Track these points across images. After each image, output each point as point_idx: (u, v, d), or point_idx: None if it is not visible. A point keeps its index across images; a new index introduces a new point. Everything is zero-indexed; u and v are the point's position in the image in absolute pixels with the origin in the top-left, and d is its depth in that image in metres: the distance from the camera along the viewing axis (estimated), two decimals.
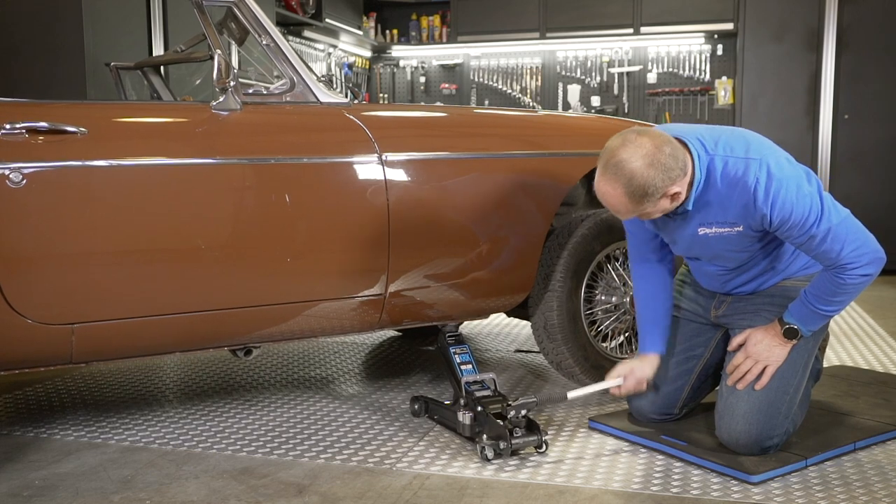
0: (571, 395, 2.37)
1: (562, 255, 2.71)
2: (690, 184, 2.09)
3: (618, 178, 2.01)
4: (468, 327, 3.99)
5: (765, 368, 2.19)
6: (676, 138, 2.08)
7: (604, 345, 2.81)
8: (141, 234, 2.10)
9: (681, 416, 2.43)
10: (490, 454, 2.22)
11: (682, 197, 2.09)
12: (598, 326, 2.80)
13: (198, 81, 3.78)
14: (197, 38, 2.88)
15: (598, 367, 2.73)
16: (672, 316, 2.42)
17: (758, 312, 2.30)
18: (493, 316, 3.28)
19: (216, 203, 2.18)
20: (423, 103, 7.39)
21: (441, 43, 7.36)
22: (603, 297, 2.80)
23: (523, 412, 2.26)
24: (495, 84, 7.33)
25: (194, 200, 2.16)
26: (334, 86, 4.73)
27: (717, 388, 2.40)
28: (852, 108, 5.62)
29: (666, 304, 2.40)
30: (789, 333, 2.17)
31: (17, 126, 1.96)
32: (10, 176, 1.93)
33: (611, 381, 2.38)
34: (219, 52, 2.22)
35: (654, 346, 2.39)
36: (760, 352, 2.20)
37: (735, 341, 2.28)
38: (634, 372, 2.36)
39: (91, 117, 2.10)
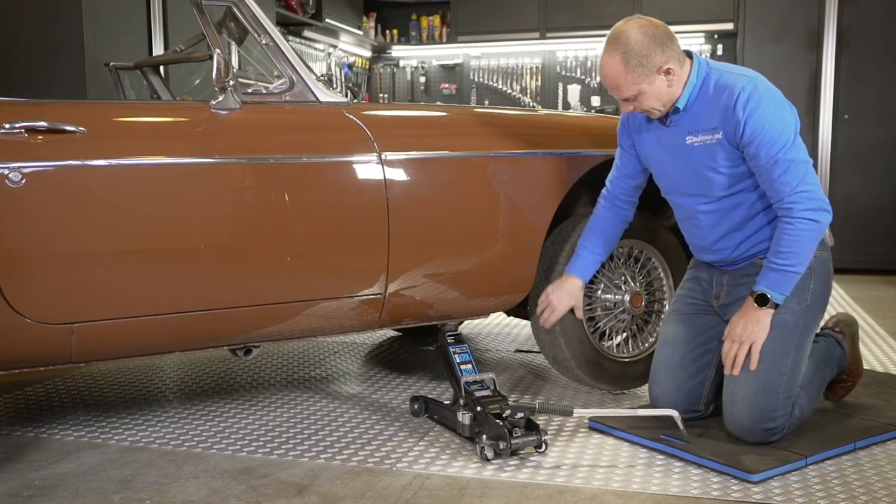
0: (578, 412, 2.32)
1: (561, 255, 2.71)
2: (685, 84, 2.26)
3: (616, 48, 2.22)
4: (468, 327, 3.98)
5: (751, 347, 2.23)
6: (684, 51, 2.30)
7: (603, 343, 2.81)
8: (140, 233, 2.10)
9: (709, 413, 2.43)
10: (490, 454, 2.22)
11: (676, 80, 2.25)
12: (597, 324, 2.80)
13: (197, 81, 3.78)
14: (196, 38, 2.88)
15: (594, 362, 2.73)
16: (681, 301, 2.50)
17: None
18: (493, 316, 3.27)
19: (215, 202, 2.18)
20: (423, 103, 7.39)
21: (441, 43, 7.37)
22: (602, 296, 2.79)
23: (520, 414, 2.26)
24: (495, 84, 7.33)
25: (194, 200, 2.16)
26: (334, 85, 4.73)
27: None
28: (852, 108, 5.62)
29: (609, 243, 2.58)
30: (760, 300, 2.21)
31: (17, 125, 1.95)
32: (10, 175, 1.93)
33: (624, 410, 2.42)
34: (218, 51, 2.22)
35: (578, 270, 2.56)
36: (740, 332, 2.24)
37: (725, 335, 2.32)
38: (549, 295, 2.55)
39: (90, 117, 2.10)
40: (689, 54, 2.30)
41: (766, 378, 2.21)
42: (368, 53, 7.50)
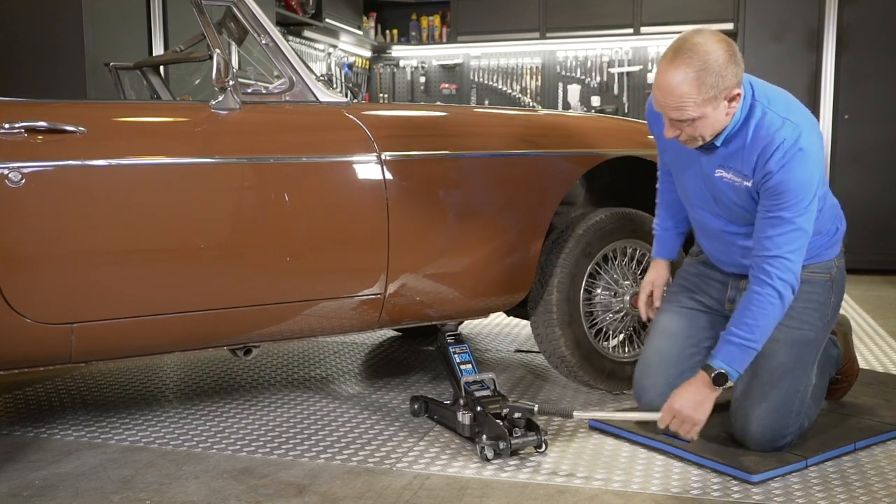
0: (578, 414, 2.28)
1: (561, 254, 2.71)
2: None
3: (691, 62, 1.94)
4: (468, 327, 3.98)
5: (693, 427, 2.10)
6: None
7: (602, 343, 2.81)
8: (140, 233, 2.10)
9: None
10: (490, 454, 2.22)
11: (736, 109, 2.04)
12: (597, 324, 2.80)
13: (197, 81, 3.78)
14: (196, 38, 2.87)
15: (594, 362, 2.73)
16: (688, 301, 2.43)
17: None
18: (493, 316, 3.27)
19: (215, 202, 2.18)
20: (423, 103, 7.39)
21: (441, 43, 7.37)
22: (603, 295, 2.79)
23: (518, 414, 2.25)
24: (495, 84, 7.33)
25: (193, 200, 2.16)
26: (334, 85, 4.73)
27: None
28: (852, 108, 5.62)
29: (681, 223, 2.50)
30: (719, 379, 2.06)
31: (17, 125, 1.95)
32: (10, 175, 1.93)
33: (631, 415, 2.37)
34: (218, 51, 2.22)
35: (666, 252, 2.53)
36: (683, 409, 2.09)
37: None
38: (655, 283, 2.50)
39: (90, 117, 2.10)
40: None
41: (784, 397, 2.17)
42: (368, 53, 7.50)
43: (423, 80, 7.50)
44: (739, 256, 2.27)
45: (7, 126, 1.95)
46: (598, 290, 2.80)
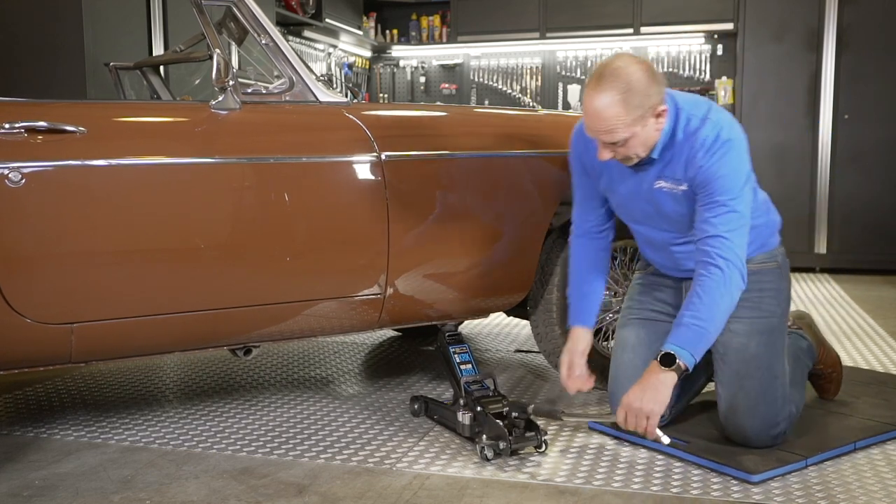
0: (567, 419, 2.32)
1: (561, 254, 2.71)
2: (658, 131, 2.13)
3: (615, 86, 2.01)
4: (468, 327, 3.98)
5: (649, 419, 2.05)
6: None
7: (602, 343, 2.81)
8: (140, 233, 2.10)
9: (670, 420, 2.36)
10: (490, 454, 2.22)
11: (663, 125, 2.11)
12: (597, 324, 2.79)
13: (197, 81, 3.78)
14: (196, 38, 2.88)
15: (589, 358, 2.73)
16: (645, 313, 2.40)
17: (739, 304, 2.21)
18: (493, 316, 3.27)
19: (215, 202, 2.18)
20: (423, 103, 7.39)
21: (441, 43, 7.36)
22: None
23: (515, 414, 2.25)
24: (495, 84, 7.32)
25: (193, 200, 2.16)
26: (334, 85, 4.73)
27: (706, 384, 2.46)
28: (852, 108, 5.62)
29: (600, 283, 2.41)
30: (665, 360, 2.04)
31: (17, 125, 1.96)
32: (10, 175, 1.93)
33: (599, 416, 2.42)
34: (218, 51, 2.22)
35: (583, 318, 2.37)
36: (634, 401, 2.06)
37: None
38: (572, 360, 2.32)
39: (90, 117, 2.10)
40: None
41: (766, 386, 2.19)
42: (368, 53, 7.50)
43: (423, 80, 7.50)
44: (689, 262, 2.27)
45: (7, 126, 1.95)
46: None
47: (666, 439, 2.08)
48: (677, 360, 2.04)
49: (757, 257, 2.27)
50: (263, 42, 2.37)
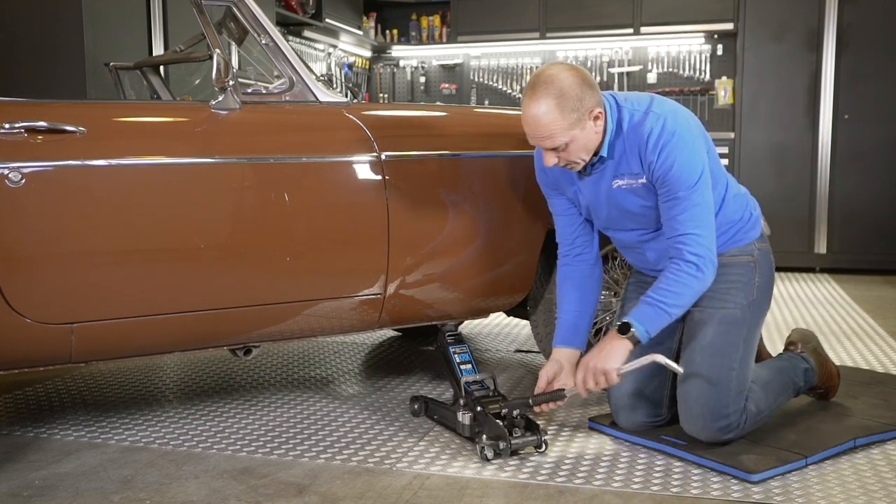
0: (569, 393, 2.31)
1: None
2: (604, 131, 2.18)
3: (549, 92, 2.09)
4: (468, 327, 3.98)
5: (606, 375, 2.15)
6: None
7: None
8: (140, 233, 2.10)
9: (672, 417, 2.37)
10: (490, 454, 2.22)
11: (602, 127, 2.17)
12: (597, 323, 2.80)
13: (197, 81, 3.78)
14: (196, 38, 2.88)
15: None
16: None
17: (703, 294, 2.24)
18: (493, 316, 3.27)
19: (215, 202, 2.18)
20: (423, 103, 7.39)
21: (441, 43, 7.36)
22: (602, 295, 2.79)
23: (516, 412, 2.25)
24: (495, 84, 7.32)
25: (193, 200, 2.16)
26: (334, 85, 4.73)
27: None
28: (852, 108, 5.62)
29: (590, 306, 2.40)
30: (622, 328, 2.15)
31: (17, 125, 1.96)
32: (10, 175, 1.93)
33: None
34: (218, 51, 2.22)
35: (570, 338, 2.36)
36: (590, 360, 2.17)
37: None
38: (549, 377, 2.31)
39: (90, 117, 2.10)
40: None
41: (716, 374, 2.21)
42: (368, 53, 7.50)
43: (423, 80, 7.50)
44: (662, 261, 2.28)
45: (7, 126, 1.95)
46: None
47: (625, 367, 2.16)
48: (632, 331, 2.14)
49: (730, 251, 2.31)
50: (263, 42, 2.37)
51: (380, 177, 2.37)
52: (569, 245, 2.43)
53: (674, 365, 2.14)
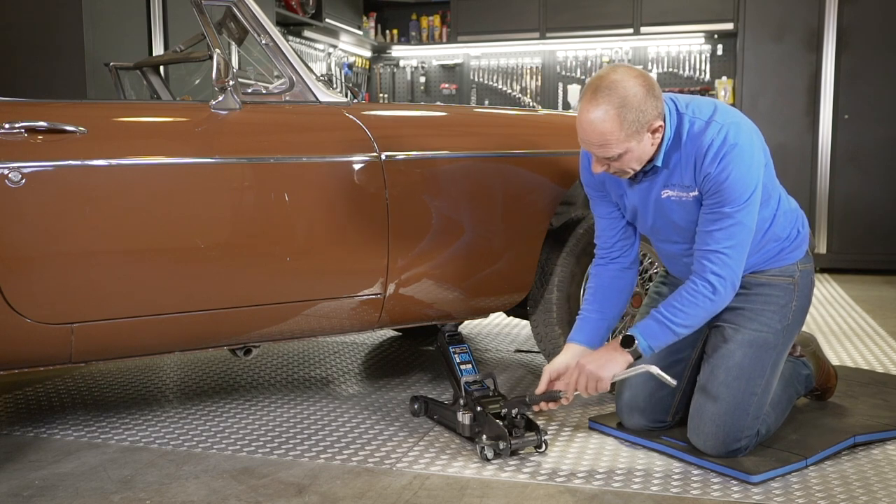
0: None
1: (561, 254, 2.71)
2: (661, 139, 2.08)
3: (610, 100, 1.96)
4: (468, 327, 3.98)
5: (598, 384, 2.11)
6: None
7: None
8: (140, 233, 2.10)
9: (674, 424, 2.36)
10: (490, 454, 2.22)
11: (661, 139, 2.06)
12: None
13: (197, 81, 3.78)
14: (196, 38, 2.88)
15: None
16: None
17: (735, 310, 2.22)
18: (493, 316, 3.27)
19: (215, 202, 2.18)
20: (423, 103, 7.39)
21: (441, 43, 7.37)
22: None
23: (515, 411, 2.25)
24: (495, 84, 7.33)
25: (193, 200, 2.16)
26: (334, 85, 4.73)
27: None
28: (852, 108, 5.62)
29: (614, 308, 2.29)
30: (625, 341, 2.09)
31: (17, 125, 1.96)
32: (10, 175, 1.93)
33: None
34: (218, 51, 2.22)
35: (587, 336, 2.25)
36: (587, 365, 2.12)
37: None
38: (552, 373, 2.22)
39: (90, 117, 2.10)
40: None
41: (739, 398, 2.15)
42: (368, 53, 7.50)
43: (423, 80, 7.50)
44: None
45: (7, 126, 1.95)
46: None
47: (619, 375, 2.13)
48: (635, 345, 2.08)
49: (771, 270, 2.24)
50: (263, 42, 2.37)
51: (380, 177, 2.37)
52: (607, 248, 2.33)
53: (667, 377, 2.09)
